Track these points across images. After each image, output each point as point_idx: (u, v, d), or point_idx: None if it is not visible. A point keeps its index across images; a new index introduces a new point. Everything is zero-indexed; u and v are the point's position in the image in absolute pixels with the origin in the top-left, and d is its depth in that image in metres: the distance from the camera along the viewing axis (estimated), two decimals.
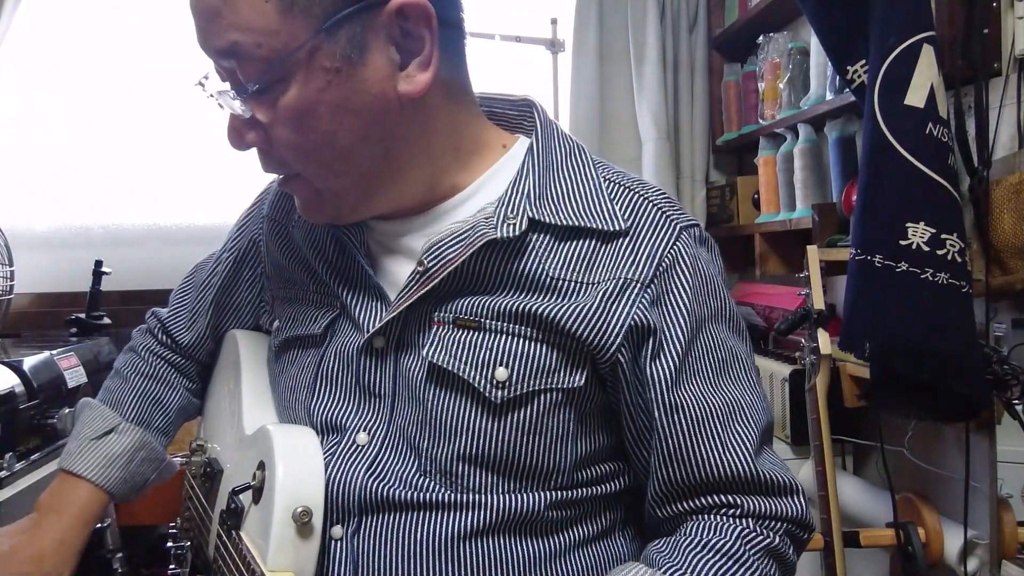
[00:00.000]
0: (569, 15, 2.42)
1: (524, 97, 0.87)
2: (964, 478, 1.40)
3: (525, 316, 0.75)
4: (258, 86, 0.70)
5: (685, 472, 0.76)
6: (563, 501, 0.77)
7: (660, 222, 0.78)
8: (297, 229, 0.89)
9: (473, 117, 0.82)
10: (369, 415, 0.79)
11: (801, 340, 1.50)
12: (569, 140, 0.84)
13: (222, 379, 1.02)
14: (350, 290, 0.82)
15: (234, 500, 0.80)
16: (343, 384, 0.81)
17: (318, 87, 0.70)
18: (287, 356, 0.88)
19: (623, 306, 0.75)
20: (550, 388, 0.75)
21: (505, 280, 0.76)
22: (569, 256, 0.77)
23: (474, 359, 0.75)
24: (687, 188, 2.44)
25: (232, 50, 0.70)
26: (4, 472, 1.36)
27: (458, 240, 0.76)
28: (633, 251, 0.77)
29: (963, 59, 1.42)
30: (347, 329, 0.82)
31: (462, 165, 0.81)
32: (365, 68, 0.71)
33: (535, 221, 0.76)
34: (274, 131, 0.73)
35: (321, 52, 0.70)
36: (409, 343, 0.78)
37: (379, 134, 0.74)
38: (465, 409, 0.75)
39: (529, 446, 0.75)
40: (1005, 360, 1.31)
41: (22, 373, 1.48)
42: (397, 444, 0.78)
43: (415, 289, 0.77)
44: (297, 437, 0.79)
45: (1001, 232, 1.35)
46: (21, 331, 2.18)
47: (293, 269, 0.90)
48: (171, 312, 1.05)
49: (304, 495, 0.73)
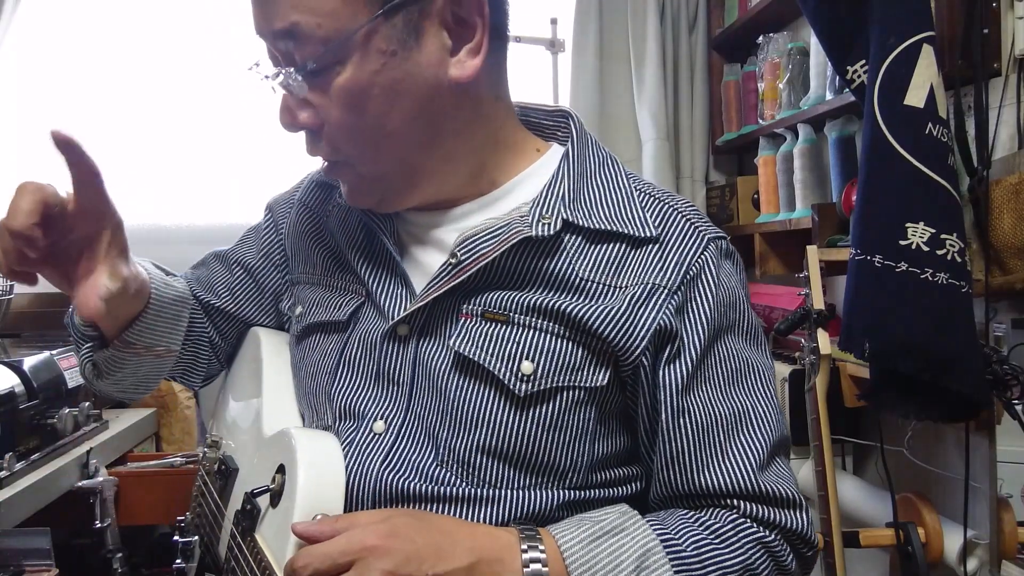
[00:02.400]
0: (569, 15, 2.42)
1: (560, 107, 0.90)
2: (964, 478, 1.40)
3: (553, 313, 0.76)
4: (316, 65, 0.72)
5: (685, 477, 0.77)
6: (576, 501, 0.78)
7: (689, 232, 0.80)
8: (331, 217, 0.90)
9: (511, 117, 0.85)
10: (387, 402, 0.80)
11: (801, 340, 1.50)
12: (603, 151, 0.86)
13: (241, 376, 1.01)
14: (376, 277, 0.83)
15: (250, 502, 0.80)
16: (364, 371, 0.82)
17: (373, 69, 0.73)
18: (309, 341, 0.89)
19: (650, 310, 0.76)
20: (574, 385, 0.76)
21: (536, 278, 0.78)
22: (600, 259, 0.78)
23: (501, 351, 0.76)
24: (687, 188, 2.45)
25: (292, 31, 0.72)
26: (4, 472, 1.36)
27: (493, 236, 0.77)
28: (662, 258, 0.79)
29: (963, 59, 1.42)
30: (371, 316, 0.83)
31: (500, 162, 0.83)
32: (419, 52, 0.74)
33: (569, 223, 0.78)
34: (327, 112, 0.75)
35: (378, 35, 0.72)
36: (434, 332, 0.79)
37: (428, 118, 0.76)
38: (489, 400, 0.76)
39: (549, 441, 0.76)
40: (1005, 360, 1.31)
41: (22, 373, 1.48)
42: (415, 433, 0.78)
43: (446, 280, 0.78)
44: (320, 443, 0.79)
45: (1001, 232, 1.35)
46: (21, 331, 2.18)
47: (321, 255, 0.91)
48: (195, 278, 1.02)
49: (324, 503, 0.73)
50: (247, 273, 1.00)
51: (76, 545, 1.70)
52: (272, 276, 1.00)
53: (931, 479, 1.57)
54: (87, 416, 1.67)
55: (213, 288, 1.01)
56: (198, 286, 1.01)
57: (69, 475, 1.50)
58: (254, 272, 1.00)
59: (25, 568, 1.33)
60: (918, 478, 1.59)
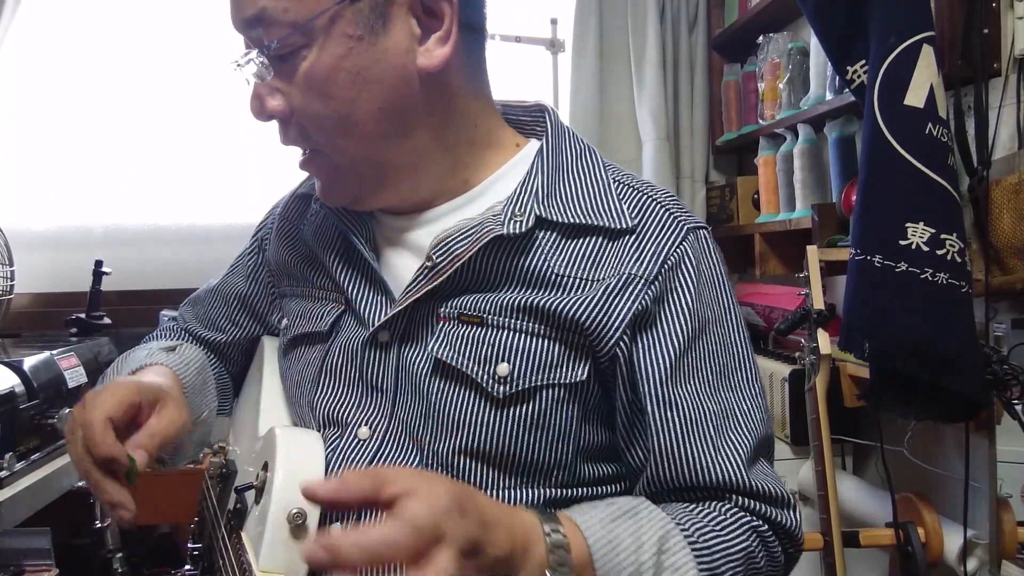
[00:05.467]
0: (569, 15, 2.42)
1: (537, 102, 0.89)
2: (964, 478, 1.40)
3: (528, 311, 0.76)
4: (280, 47, 0.72)
5: (675, 471, 0.76)
6: (562, 499, 0.78)
7: (667, 222, 0.79)
8: (308, 226, 0.90)
9: (490, 114, 0.84)
10: (371, 409, 0.80)
11: (801, 340, 1.50)
12: (580, 142, 0.85)
13: (249, 385, 1.03)
14: (355, 284, 0.83)
15: (239, 500, 0.80)
16: (346, 378, 0.82)
17: (339, 54, 0.72)
18: (294, 353, 0.89)
19: (626, 299, 0.76)
20: (552, 383, 0.76)
21: (510, 276, 0.78)
22: (575, 253, 0.78)
23: (477, 354, 0.76)
24: (687, 188, 2.45)
25: (260, 16, 0.72)
26: (4, 472, 1.36)
27: (466, 236, 0.77)
28: (639, 248, 0.78)
29: (963, 59, 1.42)
30: (351, 324, 0.83)
31: (475, 160, 0.82)
32: (387, 38, 0.73)
33: (542, 219, 0.78)
34: (294, 98, 0.75)
35: (343, 19, 0.72)
36: (414, 338, 0.79)
37: (396, 108, 0.76)
38: (468, 403, 0.76)
39: (532, 441, 0.76)
40: (1005, 360, 1.31)
41: (22, 373, 1.48)
42: (399, 438, 0.78)
43: (423, 284, 0.78)
44: (301, 439, 0.79)
45: (1001, 232, 1.35)
46: (21, 331, 2.18)
47: (300, 267, 0.91)
48: (194, 319, 1.05)
49: (301, 498, 0.73)
50: (242, 303, 1.02)
51: (76, 545, 1.70)
52: (264, 299, 1.01)
53: (931, 479, 1.57)
54: None
55: (216, 325, 1.04)
56: (201, 327, 1.04)
57: (69, 475, 1.50)
58: (248, 300, 1.02)
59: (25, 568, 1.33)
60: (918, 478, 1.59)
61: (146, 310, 2.24)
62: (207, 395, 0.97)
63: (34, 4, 2.29)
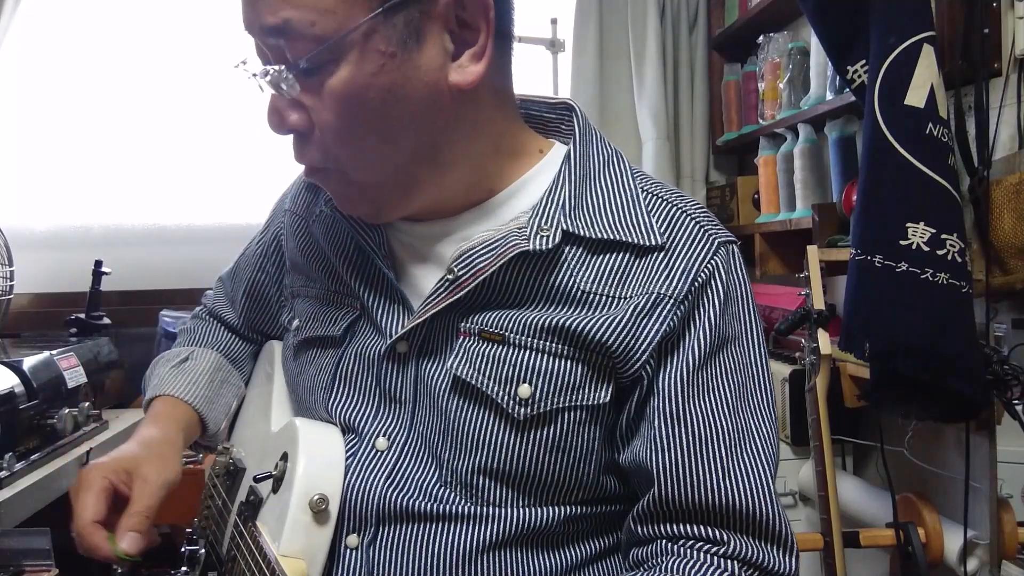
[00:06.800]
0: (569, 15, 2.42)
1: (563, 100, 0.86)
2: (964, 478, 1.40)
3: (552, 331, 0.73)
4: (308, 64, 0.68)
5: (679, 492, 0.72)
6: (582, 515, 0.77)
7: (698, 236, 0.76)
8: (317, 224, 0.87)
9: (514, 121, 0.81)
10: (389, 420, 0.79)
11: (801, 340, 1.50)
12: (608, 147, 0.82)
13: (255, 387, 1.03)
14: (371, 293, 0.81)
15: (253, 492, 0.81)
16: (363, 386, 0.81)
17: (371, 71, 0.69)
18: (306, 356, 0.87)
19: (654, 321, 0.73)
20: (574, 406, 0.74)
21: (535, 293, 0.75)
22: (602, 270, 0.75)
23: (498, 374, 0.74)
24: (687, 188, 2.45)
25: (283, 27, 0.67)
26: (4, 472, 1.36)
27: (490, 249, 0.74)
28: (668, 265, 0.75)
29: (963, 59, 1.42)
30: (368, 332, 0.81)
31: (499, 169, 0.79)
32: (420, 55, 0.70)
33: (569, 234, 0.75)
34: (319, 114, 0.71)
35: (377, 35, 0.68)
36: (433, 351, 0.77)
37: (426, 125, 0.72)
38: (488, 423, 0.74)
39: (552, 463, 0.74)
40: (1005, 360, 1.31)
41: (22, 373, 1.48)
42: (418, 452, 0.77)
43: (443, 297, 0.75)
44: (321, 430, 0.80)
45: (1001, 232, 1.35)
46: (21, 331, 2.18)
47: (312, 266, 0.89)
48: (224, 296, 1.08)
49: (323, 483, 0.74)
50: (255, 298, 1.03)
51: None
52: (272, 289, 1.01)
53: (931, 479, 1.57)
54: (87, 416, 1.67)
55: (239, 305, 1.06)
56: (227, 307, 1.07)
57: (69, 475, 1.50)
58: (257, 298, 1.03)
59: (25, 568, 1.33)
60: (918, 478, 1.59)
61: (146, 310, 2.24)
62: (226, 395, 0.99)
63: (34, 4, 2.29)
